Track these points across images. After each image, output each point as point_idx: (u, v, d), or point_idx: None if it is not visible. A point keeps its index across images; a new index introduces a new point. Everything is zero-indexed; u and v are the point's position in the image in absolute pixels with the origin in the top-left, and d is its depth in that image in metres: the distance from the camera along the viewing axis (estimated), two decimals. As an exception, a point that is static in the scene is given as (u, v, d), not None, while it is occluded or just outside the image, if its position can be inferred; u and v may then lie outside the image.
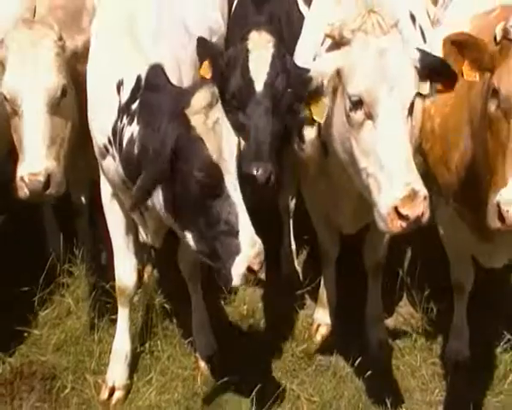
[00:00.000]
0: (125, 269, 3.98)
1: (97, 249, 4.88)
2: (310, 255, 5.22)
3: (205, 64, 3.73)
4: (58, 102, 3.73)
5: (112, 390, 4.06)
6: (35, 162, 3.59)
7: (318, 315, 4.64)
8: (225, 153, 3.11)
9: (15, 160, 3.72)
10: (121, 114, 3.43)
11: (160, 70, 3.38)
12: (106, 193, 3.86)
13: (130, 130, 3.37)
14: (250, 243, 3.08)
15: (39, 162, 3.59)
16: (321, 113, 3.28)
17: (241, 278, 3.10)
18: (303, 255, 5.27)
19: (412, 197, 2.92)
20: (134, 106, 3.38)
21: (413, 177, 2.98)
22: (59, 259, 4.59)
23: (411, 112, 3.15)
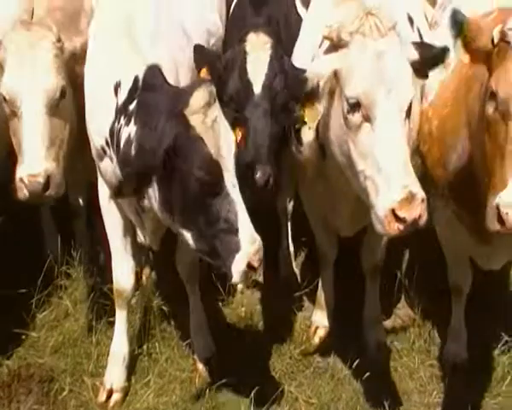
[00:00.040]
0: (123, 271, 3.97)
1: (95, 251, 4.86)
2: (308, 257, 5.21)
3: (203, 71, 3.73)
4: (57, 104, 3.74)
5: (110, 393, 4.06)
6: (34, 164, 3.59)
7: (316, 317, 4.63)
8: (224, 150, 3.12)
9: (14, 161, 3.72)
10: (118, 115, 3.43)
11: (158, 70, 3.37)
12: (104, 195, 3.85)
13: (127, 130, 3.37)
14: (250, 240, 3.10)
15: (39, 164, 3.59)
16: (313, 118, 3.30)
17: (242, 275, 3.12)
18: (301, 257, 5.26)
19: (410, 200, 2.93)
20: (131, 106, 3.38)
21: (410, 179, 2.99)
22: (57, 261, 4.59)
23: (409, 114, 3.16)
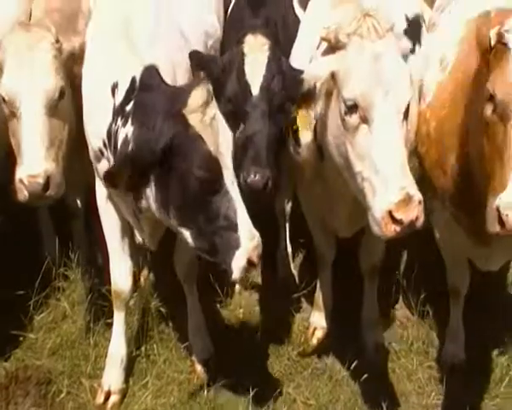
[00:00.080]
0: (121, 272, 3.97)
1: (93, 253, 4.86)
2: (306, 259, 5.20)
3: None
4: (56, 104, 3.73)
5: (107, 394, 4.05)
6: (34, 164, 3.58)
7: (314, 318, 4.63)
8: (222, 148, 3.13)
9: (14, 162, 3.72)
10: (115, 117, 3.43)
11: (155, 71, 3.38)
12: (101, 196, 3.85)
13: (124, 131, 3.37)
14: (249, 237, 3.12)
15: (38, 164, 3.58)
16: (305, 123, 3.32)
17: (242, 271, 3.13)
18: (299, 259, 5.26)
19: (407, 202, 2.93)
20: (128, 107, 3.39)
21: (408, 181, 2.99)
22: (54, 262, 4.58)
23: (406, 116, 3.16)
